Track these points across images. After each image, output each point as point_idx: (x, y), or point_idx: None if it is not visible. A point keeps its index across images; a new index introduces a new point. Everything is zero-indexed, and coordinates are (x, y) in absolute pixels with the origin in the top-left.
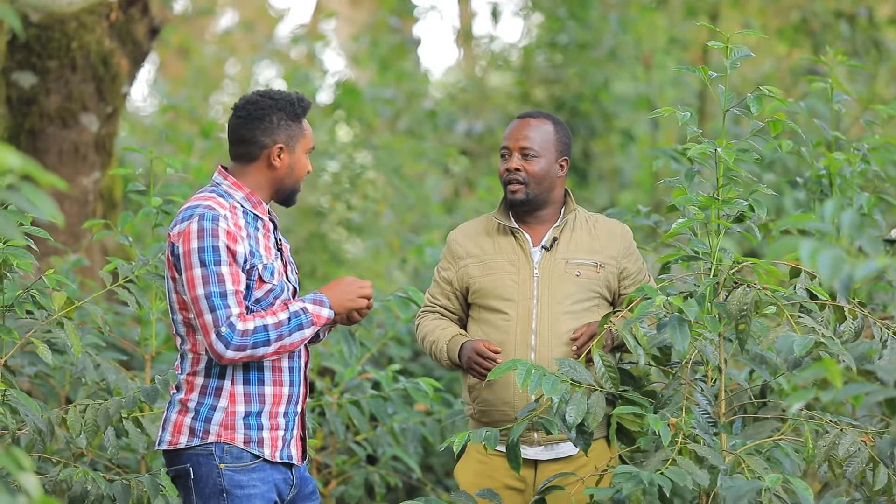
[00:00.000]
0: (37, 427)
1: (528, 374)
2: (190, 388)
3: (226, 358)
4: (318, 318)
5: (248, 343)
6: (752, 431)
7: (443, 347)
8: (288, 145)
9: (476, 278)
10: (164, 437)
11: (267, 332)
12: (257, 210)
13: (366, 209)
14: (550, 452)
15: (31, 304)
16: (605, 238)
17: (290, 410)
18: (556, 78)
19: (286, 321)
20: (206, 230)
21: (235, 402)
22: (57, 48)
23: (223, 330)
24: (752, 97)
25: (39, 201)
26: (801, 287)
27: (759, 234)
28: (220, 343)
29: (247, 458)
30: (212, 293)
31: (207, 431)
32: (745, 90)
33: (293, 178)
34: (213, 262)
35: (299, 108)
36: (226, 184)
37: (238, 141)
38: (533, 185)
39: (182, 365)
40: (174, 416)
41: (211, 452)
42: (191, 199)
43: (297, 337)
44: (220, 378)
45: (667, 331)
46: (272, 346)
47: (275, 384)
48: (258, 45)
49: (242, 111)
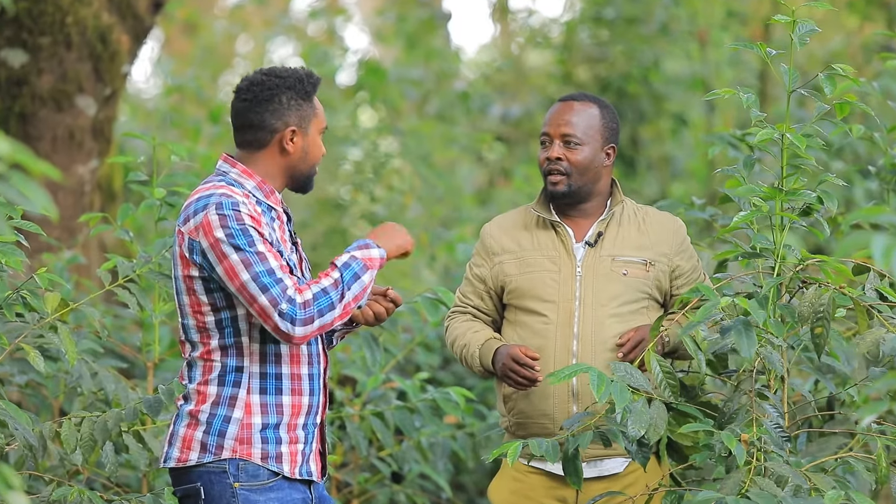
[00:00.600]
0: (28, 442)
1: (602, 382)
2: (201, 399)
3: (297, 336)
4: (370, 261)
5: (314, 312)
6: (818, 447)
7: (475, 353)
8: (300, 127)
9: (512, 276)
10: (172, 454)
11: (328, 295)
12: (270, 200)
13: (391, 201)
14: (594, 470)
15: (21, 306)
16: (656, 233)
17: (310, 422)
18: (602, 56)
19: (341, 279)
20: (229, 216)
21: (252, 412)
22: (50, 23)
23: (284, 307)
24: (824, 77)
25: (31, 192)
26: (870, 287)
27: (828, 228)
28: (286, 322)
29: (264, 475)
30: (258, 274)
31: (221, 447)
32: (810, 69)
33: (308, 162)
34: (248, 244)
35: (309, 84)
36: (234, 172)
37: (245, 126)
38: (576, 175)
39: (191, 374)
40: (183, 429)
41: (224, 470)
42: (197, 191)
43: (357, 288)
44: (235, 387)
45: (731, 335)
46: (338, 308)
47: (293, 393)
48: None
49: (247, 93)
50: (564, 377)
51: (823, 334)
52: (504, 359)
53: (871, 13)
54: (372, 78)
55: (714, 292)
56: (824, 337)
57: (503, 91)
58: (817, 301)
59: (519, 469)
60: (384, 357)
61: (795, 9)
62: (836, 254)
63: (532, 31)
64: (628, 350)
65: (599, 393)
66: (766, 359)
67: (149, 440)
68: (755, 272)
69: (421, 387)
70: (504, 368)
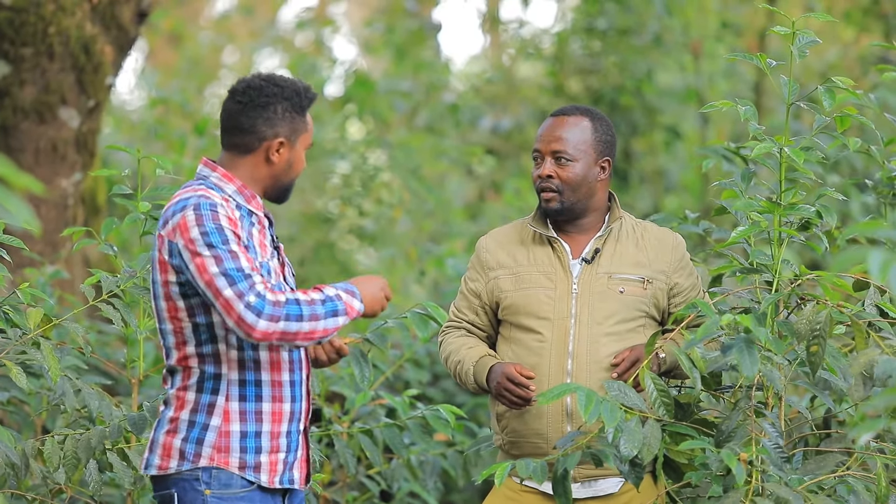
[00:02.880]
0: (10, 460)
1: (590, 401)
2: (180, 405)
3: (258, 329)
4: (350, 309)
5: (282, 313)
6: (815, 466)
7: (469, 370)
8: (289, 139)
9: (507, 293)
10: (153, 461)
11: (300, 307)
12: (251, 204)
13: (380, 215)
14: (589, 490)
15: (3, 322)
16: (654, 249)
17: (293, 429)
18: (594, 68)
19: (319, 302)
20: (205, 216)
21: (230, 420)
22: (32, 34)
23: (252, 299)
24: (823, 90)
25: (13, 206)
26: (870, 303)
27: (826, 242)
28: (251, 313)
29: (237, 484)
30: (228, 269)
31: (199, 454)
32: (807, 81)
33: (290, 175)
34: (222, 242)
35: (305, 99)
36: (215, 176)
37: (234, 129)
38: (568, 192)
39: (172, 380)
40: (162, 436)
41: (198, 478)
42: (176, 195)
43: (330, 324)
44: (214, 394)
45: (733, 353)
46: (306, 325)
47: (274, 400)
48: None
49: (243, 96)
50: (553, 397)
51: (819, 353)
52: (499, 377)
53: (868, 24)
54: (360, 90)
55: (712, 309)
56: (820, 355)
57: (493, 103)
58: (814, 319)
59: (512, 488)
60: (373, 373)
61: (794, 20)
62: (832, 269)
63: (523, 42)
64: (623, 370)
65: (587, 413)
66: (765, 376)
67: (133, 458)
68: (752, 287)
69: (410, 404)
70: (499, 387)
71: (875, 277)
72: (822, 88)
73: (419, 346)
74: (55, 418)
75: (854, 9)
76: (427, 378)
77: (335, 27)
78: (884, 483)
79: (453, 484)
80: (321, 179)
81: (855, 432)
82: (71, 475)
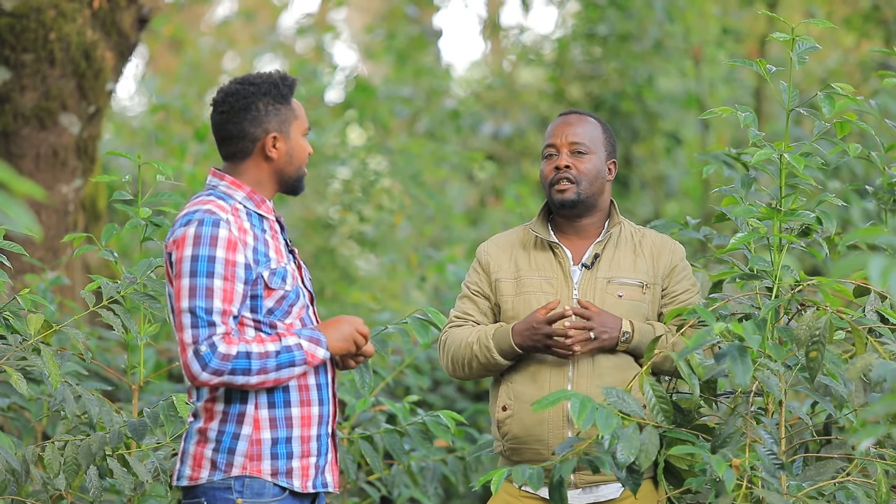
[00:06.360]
0: (10, 466)
1: (584, 408)
2: (209, 416)
3: (199, 380)
4: (312, 358)
5: (227, 368)
6: (815, 472)
7: (489, 343)
8: (281, 132)
9: (508, 297)
10: (184, 472)
11: (249, 361)
12: (261, 209)
13: (380, 221)
14: (589, 496)
15: (3, 328)
16: (651, 254)
17: (323, 433)
18: (595, 74)
19: (274, 354)
20: (204, 237)
21: (261, 428)
22: (33, 39)
23: (202, 349)
24: (823, 96)
25: (13, 212)
26: (871, 309)
27: (826, 248)
28: (197, 362)
29: (269, 493)
30: (196, 307)
31: (231, 464)
32: (807, 87)
33: (294, 165)
34: (206, 274)
35: (284, 87)
36: (223, 184)
37: (226, 139)
38: (585, 184)
39: (198, 393)
40: (193, 447)
41: (229, 486)
42: (187, 206)
43: (285, 374)
44: (243, 403)
45: (726, 362)
46: (253, 378)
47: (302, 404)
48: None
49: (224, 105)
50: (549, 403)
51: (818, 358)
52: (530, 332)
53: (869, 30)
54: (361, 96)
55: (711, 316)
56: (819, 361)
57: (494, 109)
58: (814, 324)
59: (512, 493)
60: (373, 379)
61: (794, 26)
62: (832, 275)
63: (524, 48)
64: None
65: (580, 419)
66: (764, 382)
67: (133, 464)
68: (752, 293)
69: (411, 410)
70: (538, 339)
71: (875, 283)
72: (822, 94)
73: (420, 351)
74: (55, 424)
75: (854, 15)
76: (427, 384)
77: (336, 33)
78: (884, 489)
79: (454, 490)
80: (322, 185)
81: (855, 438)
82: (71, 481)
